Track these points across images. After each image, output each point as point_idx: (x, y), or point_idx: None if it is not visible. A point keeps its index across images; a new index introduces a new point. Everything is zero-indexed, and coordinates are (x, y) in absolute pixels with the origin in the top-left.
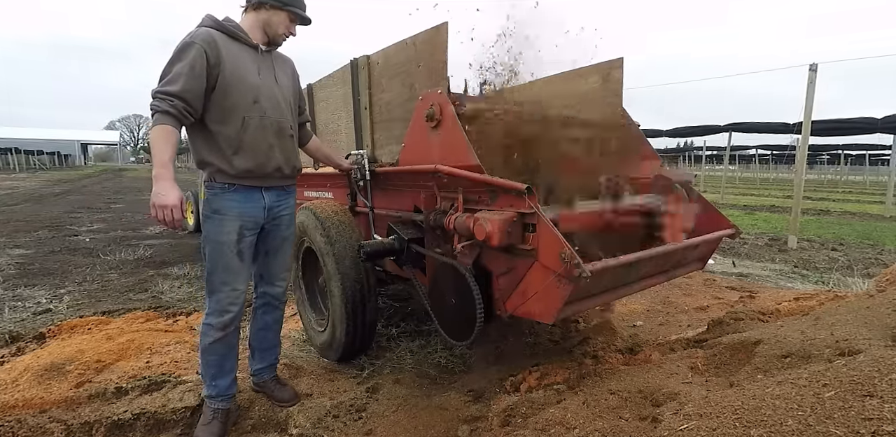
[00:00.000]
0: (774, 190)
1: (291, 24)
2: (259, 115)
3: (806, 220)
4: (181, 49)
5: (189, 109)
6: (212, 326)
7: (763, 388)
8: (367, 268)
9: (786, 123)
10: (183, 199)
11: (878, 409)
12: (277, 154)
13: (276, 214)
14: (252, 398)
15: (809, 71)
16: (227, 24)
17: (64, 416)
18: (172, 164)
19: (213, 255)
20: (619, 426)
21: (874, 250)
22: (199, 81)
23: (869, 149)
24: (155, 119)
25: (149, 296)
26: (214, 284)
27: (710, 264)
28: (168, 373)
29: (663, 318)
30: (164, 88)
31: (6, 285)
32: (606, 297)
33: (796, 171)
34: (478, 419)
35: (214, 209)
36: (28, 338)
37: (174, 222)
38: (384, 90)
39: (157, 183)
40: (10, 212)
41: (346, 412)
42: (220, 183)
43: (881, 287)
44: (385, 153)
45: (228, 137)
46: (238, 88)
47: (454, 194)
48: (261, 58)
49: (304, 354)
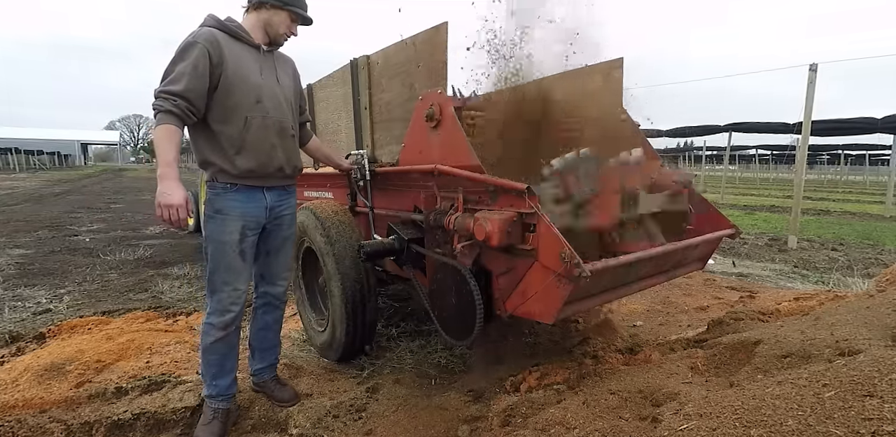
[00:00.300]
0: (774, 190)
1: (293, 23)
2: (262, 114)
3: (806, 220)
4: (184, 49)
5: (192, 108)
6: (213, 325)
7: (763, 388)
8: (367, 268)
9: (786, 123)
10: (189, 198)
11: (878, 409)
12: (279, 154)
13: (277, 214)
14: (252, 398)
15: (809, 71)
16: (229, 24)
17: (64, 416)
18: (177, 163)
19: (215, 255)
20: (619, 426)
21: (874, 250)
22: (202, 80)
23: (869, 149)
24: (158, 119)
25: (149, 296)
26: (216, 283)
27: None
28: (168, 373)
29: (663, 318)
30: (166, 88)
31: (6, 285)
32: (606, 297)
33: (796, 171)
34: (478, 419)
35: (217, 209)
36: (28, 338)
37: (179, 222)
38: (384, 90)
39: (162, 182)
40: (10, 212)
41: (346, 412)
42: (222, 183)
43: (881, 287)
44: (385, 153)
45: (231, 137)
46: (240, 88)
47: (454, 194)
48: (263, 58)
49: (304, 354)
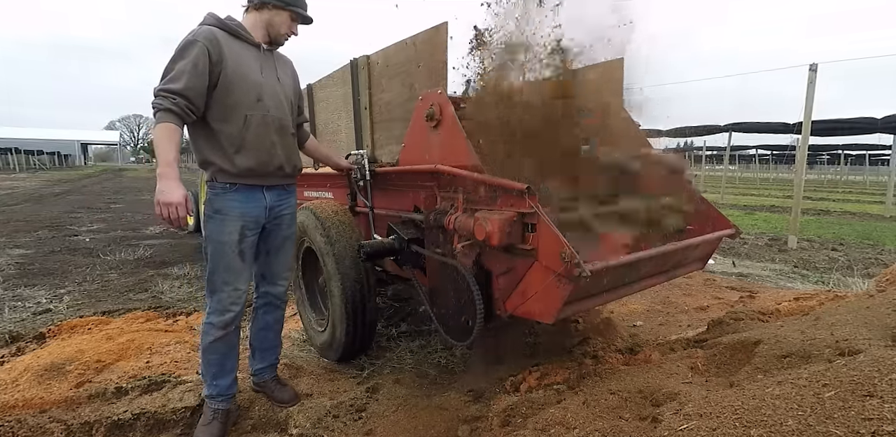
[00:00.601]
0: (774, 190)
1: (294, 23)
2: (262, 113)
3: (806, 220)
4: (184, 47)
5: (191, 106)
6: (213, 325)
7: (763, 388)
8: (367, 268)
9: (786, 123)
10: (188, 197)
11: (878, 409)
12: (279, 152)
13: (277, 214)
14: (252, 398)
15: (809, 71)
16: (229, 23)
17: (64, 416)
18: (177, 162)
19: (214, 255)
20: (619, 426)
21: (874, 250)
22: (202, 78)
23: (869, 149)
24: (157, 117)
25: (149, 296)
26: (216, 283)
27: (710, 264)
28: (168, 373)
29: (663, 318)
30: (166, 86)
31: (6, 285)
32: (607, 297)
33: (796, 171)
34: (478, 419)
35: (216, 209)
36: (28, 338)
37: (178, 220)
38: (384, 90)
39: (161, 181)
40: (10, 212)
41: (346, 412)
42: (221, 183)
43: (881, 287)
44: (385, 153)
45: (231, 136)
46: (240, 86)
47: (454, 194)
48: (263, 57)
49: (304, 354)
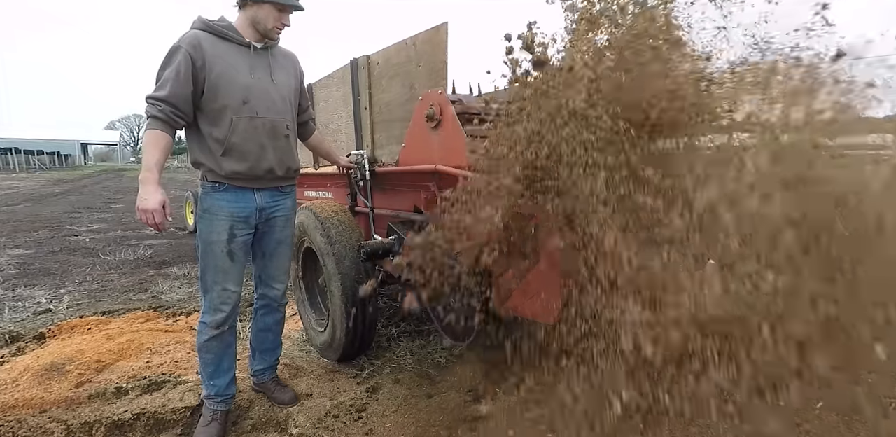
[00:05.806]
0: None
1: (281, 14)
2: (249, 115)
3: None
4: (169, 54)
5: (178, 112)
6: (206, 324)
7: None
8: (367, 268)
9: None
10: (165, 202)
11: None
12: (270, 155)
13: (269, 216)
14: (252, 398)
15: None
16: (216, 25)
17: (64, 416)
18: (159, 167)
19: (204, 254)
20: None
21: None
22: (186, 85)
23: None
24: (147, 124)
25: (149, 296)
26: (207, 283)
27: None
28: (168, 373)
29: None
30: (153, 94)
31: (6, 285)
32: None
33: None
34: (478, 419)
35: (205, 208)
36: (28, 338)
37: (157, 225)
38: (384, 90)
39: (141, 187)
40: (10, 212)
41: (346, 412)
42: (211, 182)
43: None
44: (385, 153)
45: (217, 139)
46: (227, 90)
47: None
48: (254, 56)
49: (304, 354)
